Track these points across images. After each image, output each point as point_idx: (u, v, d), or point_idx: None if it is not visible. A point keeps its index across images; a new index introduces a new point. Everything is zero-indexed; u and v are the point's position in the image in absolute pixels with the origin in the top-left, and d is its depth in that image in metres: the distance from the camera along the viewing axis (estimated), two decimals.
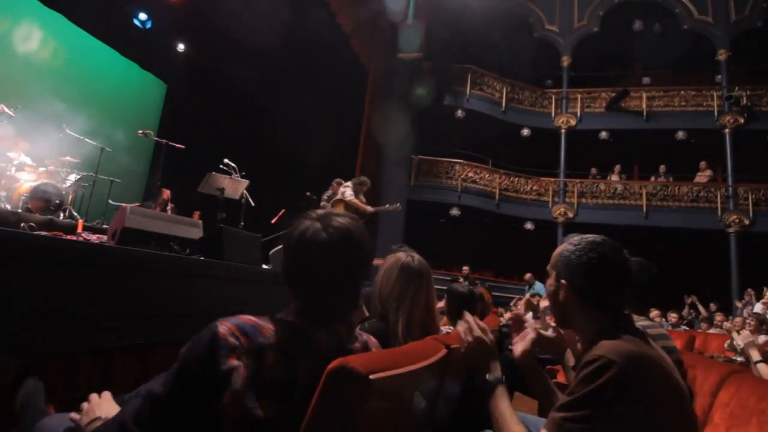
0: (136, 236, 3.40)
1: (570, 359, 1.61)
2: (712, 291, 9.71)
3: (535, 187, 11.10)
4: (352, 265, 0.96)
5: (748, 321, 5.52)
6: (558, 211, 10.80)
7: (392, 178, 10.26)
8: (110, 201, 6.80)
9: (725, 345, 5.60)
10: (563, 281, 1.21)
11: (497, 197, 10.72)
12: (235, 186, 5.43)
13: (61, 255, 1.73)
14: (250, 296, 3.02)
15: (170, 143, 5.26)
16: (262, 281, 3.15)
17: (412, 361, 0.87)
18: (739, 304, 8.79)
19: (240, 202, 5.71)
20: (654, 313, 9.53)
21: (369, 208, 6.46)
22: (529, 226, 10.76)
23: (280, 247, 5.13)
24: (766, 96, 10.54)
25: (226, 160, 5.73)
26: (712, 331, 7.38)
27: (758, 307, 6.68)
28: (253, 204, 5.76)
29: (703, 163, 10.77)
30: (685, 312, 9.08)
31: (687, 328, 7.59)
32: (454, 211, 10.24)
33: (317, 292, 0.93)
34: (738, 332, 5.53)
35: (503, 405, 1.22)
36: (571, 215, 10.73)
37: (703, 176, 10.72)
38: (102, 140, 7.54)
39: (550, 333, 1.50)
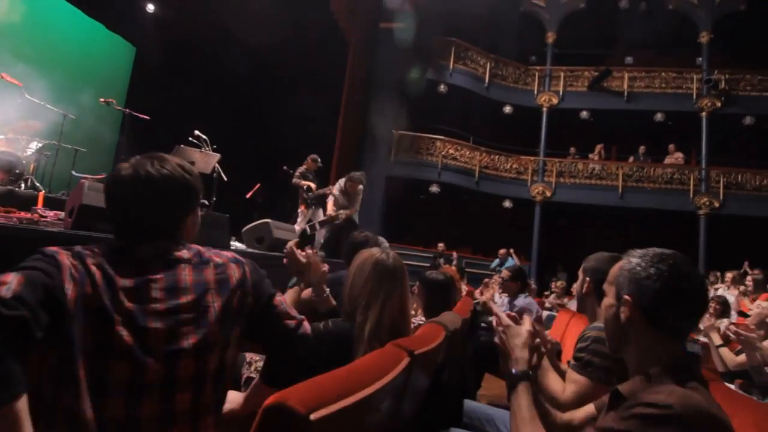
0: (94, 214, 3.22)
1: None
2: None
3: (514, 166, 11.12)
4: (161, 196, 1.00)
5: (710, 304, 5.70)
6: (536, 190, 10.87)
7: (372, 154, 10.10)
8: (73, 172, 6.47)
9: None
10: (627, 297, 1.01)
11: (477, 175, 10.70)
12: (206, 160, 5.22)
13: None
14: None
15: (134, 113, 4.96)
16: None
17: (366, 382, 0.81)
18: (721, 287, 9.09)
19: (212, 177, 5.51)
20: None
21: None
22: (507, 204, 10.83)
23: (253, 224, 5.00)
24: (744, 80, 10.67)
25: (196, 132, 5.49)
26: None
27: (722, 291, 6.91)
28: (225, 179, 5.57)
29: (671, 146, 10.93)
30: None
31: None
32: (434, 188, 10.20)
33: (129, 218, 0.99)
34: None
35: (524, 403, 1.07)
36: (549, 194, 10.83)
37: (672, 159, 10.90)
38: (65, 106, 7.14)
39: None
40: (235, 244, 5.16)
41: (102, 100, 4.96)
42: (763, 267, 9.19)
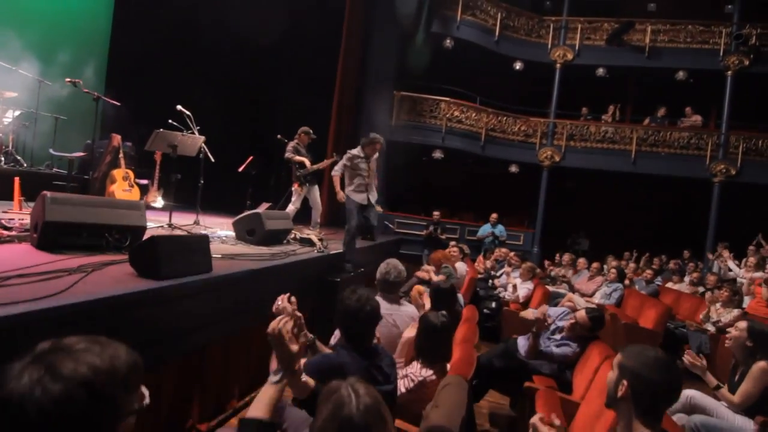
0: (62, 230, 2.93)
1: None
2: (692, 241, 9.82)
3: (523, 128, 10.54)
4: None
5: (722, 291, 5.49)
6: (544, 155, 10.38)
7: (372, 117, 9.53)
8: (51, 151, 6.10)
9: (701, 316, 5.65)
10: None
11: (483, 138, 10.17)
12: (189, 143, 4.83)
13: None
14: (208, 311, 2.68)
15: (105, 98, 4.51)
16: (216, 287, 2.78)
17: None
18: (710, 257, 8.88)
19: (198, 159, 5.14)
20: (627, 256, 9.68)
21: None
22: (513, 169, 10.39)
23: (243, 215, 4.69)
24: None
25: (179, 107, 5.05)
26: (684, 287, 7.46)
27: (736, 271, 6.66)
28: (212, 160, 5.18)
29: (688, 109, 10.31)
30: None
31: (659, 284, 7.65)
32: (437, 154, 9.73)
33: None
34: (714, 303, 5.54)
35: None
36: (557, 159, 10.35)
37: (689, 122, 10.30)
38: (40, 71, 6.62)
39: None
40: (226, 233, 4.91)
41: (68, 80, 4.47)
42: None
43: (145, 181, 7.98)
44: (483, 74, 10.83)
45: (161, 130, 4.47)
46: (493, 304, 5.76)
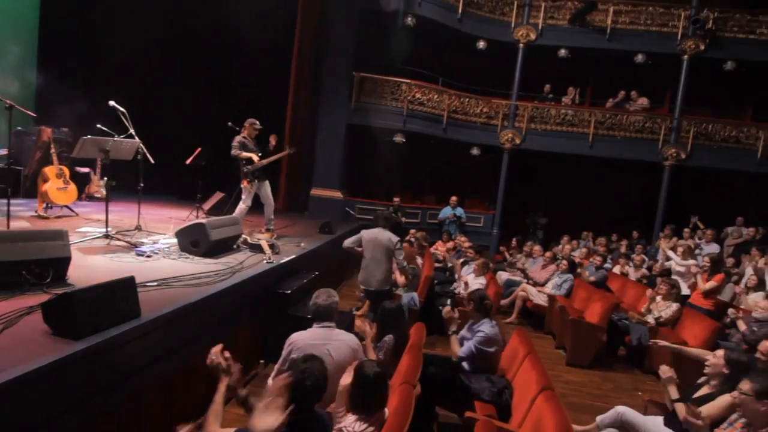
0: None
1: None
2: (645, 223, 10.23)
3: (485, 110, 10.45)
4: None
5: (661, 286, 5.76)
6: (506, 137, 10.38)
7: (330, 100, 9.18)
8: None
9: (642, 309, 5.92)
10: None
11: (445, 120, 10.03)
12: (123, 146, 4.48)
13: None
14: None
15: (20, 108, 4.08)
16: (149, 332, 2.63)
17: None
18: (661, 240, 9.27)
19: (136, 161, 4.80)
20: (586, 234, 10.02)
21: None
22: (475, 151, 10.36)
23: (186, 225, 4.46)
24: (733, 20, 9.95)
25: (111, 103, 4.64)
26: (631, 272, 7.79)
27: (673, 257, 6.97)
28: (152, 161, 4.85)
29: (634, 93, 10.51)
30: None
31: (606, 269, 7.94)
32: (399, 138, 9.54)
33: None
34: (654, 298, 5.80)
35: None
36: (518, 141, 10.38)
37: (636, 105, 10.51)
38: None
39: None
40: (171, 241, 4.67)
41: None
42: (721, 221, 9.46)
43: (85, 170, 7.49)
44: (445, 54, 10.57)
45: (88, 136, 4.10)
46: (448, 302, 5.83)
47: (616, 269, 8.01)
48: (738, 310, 5.58)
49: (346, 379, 2.46)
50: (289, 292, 4.27)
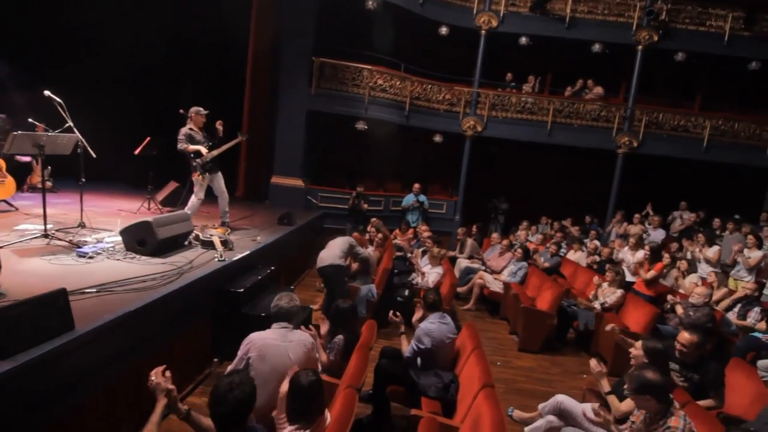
0: None
1: None
2: (601, 209, 10.63)
3: (447, 96, 10.47)
4: None
5: (607, 274, 6.05)
6: (467, 124, 10.47)
7: (290, 86, 8.95)
8: None
9: (590, 295, 6.20)
10: None
11: (408, 107, 9.99)
12: (60, 141, 4.23)
13: None
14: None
15: None
16: (85, 343, 2.55)
17: None
18: (615, 224, 9.67)
19: (77, 155, 4.56)
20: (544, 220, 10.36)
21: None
22: (438, 138, 10.41)
23: (132, 224, 4.30)
24: (685, 11, 10.26)
25: (47, 93, 4.35)
26: (582, 258, 8.11)
27: (624, 253, 7.30)
28: (94, 155, 4.61)
29: (590, 81, 10.78)
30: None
31: (562, 255, 8.24)
32: (361, 125, 9.45)
33: None
34: (601, 285, 6.08)
35: None
36: (480, 129, 10.49)
37: (591, 94, 10.80)
38: None
39: None
40: (115, 239, 4.50)
41: None
42: (669, 207, 9.95)
43: (26, 159, 7.08)
44: (407, 39, 10.45)
45: (19, 132, 3.85)
46: (406, 292, 5.93)
47: (571, 254, 8.33)
48: (676, 295, 5.92)
49: (285, 386, 2.47)
50: (241, 290, 4.21)
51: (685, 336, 3.43)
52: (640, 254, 6.75)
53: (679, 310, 5.48)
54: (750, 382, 3.56)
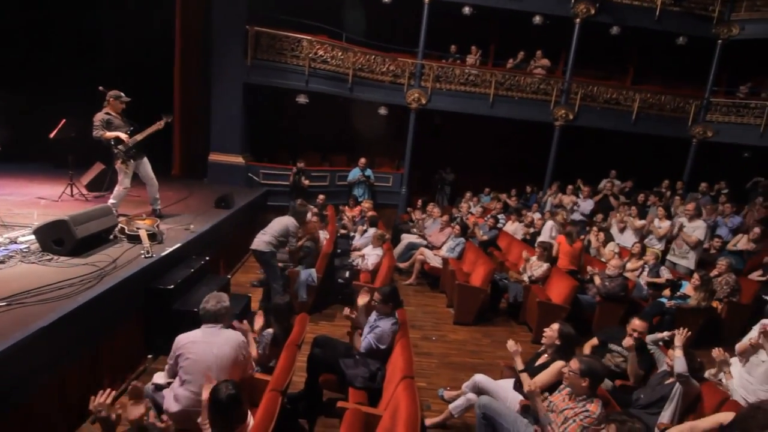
0: None
1: None
2: (539, 181, 11.10)
3: (392, 68, 10.32)
4: None
5: (536, 249, 6.45)
6: (412, 97, 10.43)
7: (223, 57, 8.46)
8: None
9: (520, 269, 6.60)
10: None
11: (351, 79, 9.78)
12: None
13: None
14: None
15: None
16: None
17: None
18: (550, 194, 10.15)
19: None
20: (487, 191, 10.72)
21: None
22: (383, 111, 10.33)
23: (45, 222, 4.08)
24: None
25: None
26: (519, 229, 8.52)
27: (549, 226, 7.73)
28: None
29: (539, 52, 10.97)
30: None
31: (499, 228, 8.62)
32: (302, 99, 9.18)
33: None
34: (529, 259, 6.47)
35: None
36: (424, 101, 10.50)
37: (538, 64, 11.02)
38: None
39: None
40: (29, 238, 4.24)
41: None
42: (603, 175, 10.55)
43: None
44: (349, 8, 10.06)
45: None
46: (347, 274, 6.05)
47: (509, 225, 8.70)
48: (594, 266, 6.42)
49: (206, 393, 2.53)
50: (171, 287, 4.15)
51: (636, 323, 3.87)
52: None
53: (597, 280, 5.98)
54: None
